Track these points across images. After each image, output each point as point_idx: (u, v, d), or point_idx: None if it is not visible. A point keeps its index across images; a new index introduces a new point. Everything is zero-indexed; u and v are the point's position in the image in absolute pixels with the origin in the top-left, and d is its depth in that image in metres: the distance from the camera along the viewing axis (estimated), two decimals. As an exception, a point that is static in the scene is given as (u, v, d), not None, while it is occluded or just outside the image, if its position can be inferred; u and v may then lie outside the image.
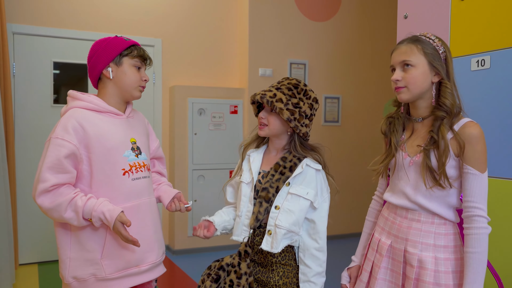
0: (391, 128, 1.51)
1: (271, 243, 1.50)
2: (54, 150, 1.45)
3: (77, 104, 1.56)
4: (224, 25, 4.55)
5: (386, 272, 1.47)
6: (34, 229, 3.83)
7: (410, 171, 1.44)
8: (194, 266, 3.81)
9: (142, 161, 1.63)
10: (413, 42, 1.40)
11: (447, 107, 1.37)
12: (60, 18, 3.89)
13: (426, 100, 1.42)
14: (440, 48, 1.40)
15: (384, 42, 5.00)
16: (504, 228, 1.81)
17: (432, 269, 1.35)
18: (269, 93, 1.55)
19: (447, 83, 1.39)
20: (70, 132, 1.47)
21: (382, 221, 1.55)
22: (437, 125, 1.37)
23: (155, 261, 1.64)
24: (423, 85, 1.39)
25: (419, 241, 1.39)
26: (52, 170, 1.44)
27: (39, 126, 3.84)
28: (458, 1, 1.99)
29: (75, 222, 1.46)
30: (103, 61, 1.57)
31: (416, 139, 1.45)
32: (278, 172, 1.56)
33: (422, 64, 1.38)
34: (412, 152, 1.44)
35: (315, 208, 1.55)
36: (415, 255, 1.38)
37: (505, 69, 1.80)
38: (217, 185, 4.28)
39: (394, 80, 1.41)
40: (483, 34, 1.90)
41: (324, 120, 4.76)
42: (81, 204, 1.45)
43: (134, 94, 1.63)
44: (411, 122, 1.49)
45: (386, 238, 1.49)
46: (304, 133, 1.57)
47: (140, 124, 1.72)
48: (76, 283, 1.53)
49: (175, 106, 4.17)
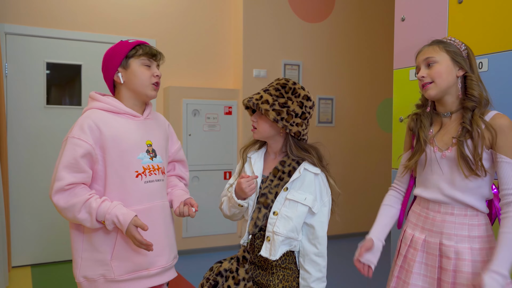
0: (417, 124, 1.55)
1: (270, 250, 1.49)
2: (71, 149, 1.46)
3: (95, 105, 1.57)
4: (219, 26, 4.55)
5: (421, 266, 1.50)
6: (27, 232, 3.79)
7: (443, 164, 1.47)
8: (188, 267, 3.80)
9: (157, 164, 1.62)
10: (436, 43, 1.48)
11: (475, 97, 1.42)
12: (53, 18, 3.86)
13: (453, 95, 1.47)
14: (461, 46, 1.46)
15: (377, 43, 5.04)
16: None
17: (469, 259, 1.39)
18: (256, 96, 1.55)
19: (472, 75, 1.44)
20: (86, 132, 1.48)
21: (414, 217, 1.58)
22: (468, 116, 1.41)
23: (165, 265, 1.63)
24: (448, 78, 1.44)
25: (454, 233, 1.43)
26: (68, 169, 1.45)
27: (31, 127, 3.80)
28: (455, 4, 2.02)
29: (88, 223, 1.46)
30: (112, 68, 1.58)
31: (446, 133, 1.48)
32: (277, 178, 1.55)
33: (445, 59, 1.44)
34: (443, 145, 1.47)
35: (314, 213, 1.54)
36: (451, 247, 1.42)
37: (502, 72, 1.83)
38: (212, 186, 4.27)
39: (420, 77, 1.46)
40: (481, 37, 1.92)
41: (318, 121, 4.78)
42: (95, 206, 1.45)
43: (149, 93, 1.61)
44: (439, 117, 1.52)
45: (420, 233, 1.52)
46: (296, 133, 1.54)
47: (159, 127, 1.71)
48: (86, 283, 1.54)
49: (170, 107, 4.16)
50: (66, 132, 3.82)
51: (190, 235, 4.23)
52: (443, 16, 2.07)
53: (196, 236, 4.26)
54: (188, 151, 4.19)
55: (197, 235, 4.26)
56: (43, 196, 3.84)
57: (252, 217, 1.54)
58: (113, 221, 1.46)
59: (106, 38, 4.04)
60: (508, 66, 1.81)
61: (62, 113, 3.91)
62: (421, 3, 2.18)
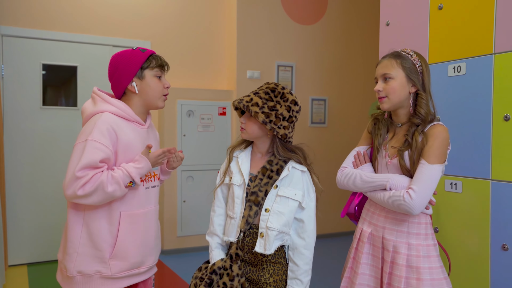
0: (375, 130, 1.68)
1: (264, 245, 1.55)
2: (92, 152, 1.50)
3: (108, 109, 1.60)
4: (213, 28, 4.61)
5: (368, 257, 1.65)
6: (24, 231, 3.84)
7: (390, 169, 1.61)
8: (183, 266, 3.86)
9: (154, 171, 1.71)
10: (394, 57, 1.58)
11: (422, 115, 1.56)
12: (49, 20, 3.91)
13: (405, 109, 1.60)
14: (417, 63, 1.57)
15: (369, 45, 5.11)
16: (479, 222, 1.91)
17: (405, 253, 1.53)
18: (246, 98, 1.62)
19: (423, 94, 1.56)
20: (106, 137, 1.53)
21: (364, 212, 1.73)
22: (412, 130, 1.55)
23: (151, 265, 1.73)
24: (401, 94, 1.57)
25: (394, 229, 1.57)
26: (89, 169, 1.50)
27: (28, 128, 3.85)
28: (436, 10, 2.09)
29: (119, 192, 1.53)
30: (126, 77, 1.63)
31: (396, 142, 1.62)
32: (266, 176, 1.61)
33: (400, 76, 1.56)
34: (391, 153, 1.61)
35: (303, 208, 1.62)
36: (391, 241, 1.56)
37: (479, 75, 1.90)
38: (206, 185, 4.33)
39: (377, 91, 1.59)
40: (459, 42, 2.00)
41: (311, 122, 4.85)
42: (117, 175, 1.52)
43: (159, 104, 1.69)
44: (393, 126, 1.66)
45: (367, 227, 1.67)
46: (283, 135, 1.61)
47: (155, 134, 1.80)
48: (79, 277, 1.58)
49: (165, 107, 4.20)
50: (62, 133, 3.91)
51: (184, 234, 4.29)
52: (425, 21, 2.14)
53: (191, 235, 4.32)
54: (183, 151, 4.25)
55: (191, 234, 4.32)
56: (39, 195, 3.89)
57: (243, 215, 1.60)
58: (138, 173, 1.56)
59: (101, 40, 4.10)
60: (484, 69, 1.88)
61: (58, 114, 3.96)
62: (405, 9, 2.25)
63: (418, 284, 1.49)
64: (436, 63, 2.09)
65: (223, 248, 1.68)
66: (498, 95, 1.82)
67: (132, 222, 1.62)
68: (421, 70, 1.57)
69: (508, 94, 1.79)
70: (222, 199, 1.72)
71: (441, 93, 2.03)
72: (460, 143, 1.96)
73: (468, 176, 1.94)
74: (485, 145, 1.87)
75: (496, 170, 1.84)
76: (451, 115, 2.00)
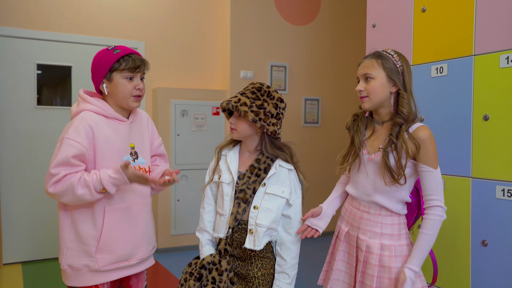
0: (354, 127, 1.70)
1: (254, 241, 1.60)
2: (65, 149, 1.55)
3: (87, 107, 1.65)
4: (206, 28, 4.65)
5: (344, 254, 1.70)
6: (18, 229, 3.86)
7: (368, 167, 1.62)
8: (176, 264, 3.89)
9: (138, 165, 1.73)
10: (375, 57, 1.60)
11: (404, 115, 1.56)
12: (43, 20, 3.93)
13: (386, 108, 1.61)
14: (398, 63, 1.59)
15: (361, 45, 5.15)
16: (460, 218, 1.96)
17: (377, 254, 1.55)
18: (234, 99, 1.67)
19: (404, 93, 1.57)
20: (81, 134, 1.57)
21: (343, 211, 1.76)
22: (396, 130, 1.56)
23: (143, 257, 1.76)
24: (382, 94, 1.58)
25: (368, 230, 1.60)
26: (62, 166, 1.54)
27: (22, 127, 3.87)
28: (419, 12, 2.14)
29: (89, 196, 1.55)
30: (97, 78, 1.68)
31: (376, 140, 1.63)
32: (254, 174, 1.66)
33: (381, 76, 1.57)
34: (372, 150, 1.62)
35: (291, 205, 1.68)
36: (364, 241, 1.59)
37: (461, 76, 1.95)
38: (200, 185, 4.36)
39: (358, 90, 1.61)
40: (442, 43, 2.05)
41: (304, 122, 4.89)
42: (89, 179, 1.54)
43: (131, 105, 1.69)
44: (373, 123, 1.67)
45: (345, 226, 1.70)
46: (273, 132, 1.67)
47: (141, 127, 1.80)
48: (70, 271, 1.65)
49: (158, 107, 4.25)
50: (56, 132, 3.93)
51: (178, 232, 4.33)
52: (409, 23, 2.19)
53: (184, 234, 4.36)
54: (176, 150, 4.29)
55: (185, 233, 4.36)
56: (34, 194, 3.92)
57: (232, 211, 1.65)
58: (111, 182, 1.55)
59: (96, 40, 4.13)
60: (465, 70, 1.94)
61: (53, 113, 3.99)
62: (390, 12, 2.30)
63: (390, 283, 1.52)
64: (419, 64, 2.14)
65: (213, 244, 1.72)
66: (478, 95, 1.88)
67: (116, 215, 1.66)
68: (401, 70, 1.58)
69: (487, 95, 1.84)
70: (211, 196, 1.77)
71: (425, 93, 2.08)
72: (442, 142, 2.01)
73: (450, 174, 1.99)
74: (465, 144, 1.93)
75: (476, 168, 1.89)
76: (433, 115, 2.05)
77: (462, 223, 1.94)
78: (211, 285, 1.60)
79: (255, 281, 1.64)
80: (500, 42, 1.80)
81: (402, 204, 1.60)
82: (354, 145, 1.68)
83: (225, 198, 1.68)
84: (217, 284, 1.59)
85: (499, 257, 1.80)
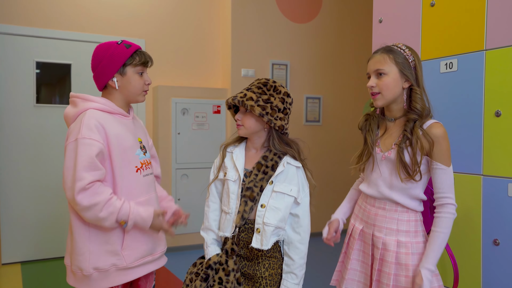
0: (366, 127, 1.67)
1: (261, 241, 1.57)
2: (86, 149, 1.51)
3: (91, 106, 1.62)
4: (207, 26, 4.61)
5: (359, 253, 1.67)
6: (17, 229, 3.83)
7: (382, 165, 1.59)
8: (178, 264, 3.86)
9: (148, 159, 1.75)
10: (386, 52, 1.56)
11: (418, 110, 1.53)
12: (43, 18, 3.90)
13: (398, 104, 1.58)
14: (409, 57, 1.55)
15: (363, 43, 5.13)
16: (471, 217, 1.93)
17: (394, 251, 1.53)
18: (239, 94, 1.64)
19: (417, 89, 1.54)
20: (95, 131, 1.54)
21: (357, 209, 1.74)
22: (410, 126, 1.53)
23: (163, 250, 1.78)
24: (394, 90, 1.54)
25: (384, 227, 1.58)
26: (87, 169, 1.50)
27: (21, 126, 3.84)
28: (428, 7, 2.10)
29: (107, 223, 1.53)
30: (108, 72, 1.65)
31: (389, 137, 1.60)
32: (261, 172, 1.63)
33: (394, 72, 1.53)
34: (385, 148, 1.59)
35: (299, 203, 1.64)
36: (380, 239, 1.57)
37: (471, 72, 1.92)
38: (201, 184, 4.33)
39: (369, 87, 1.57)
40: (451, 38, 2.01)
41: (305, 120, 4.86)
42: (118, 205, 1.53)
43: (139, 99, 1.72)
44: (384, 121, 1.64)
45: (359, 224, 1.68)
46: (280, 126, 1.63)
47: (140, 125, 1.83)
48: (96, 274, 1.59)
49: (159, 106, 4.21)
50: (56, 131, 3.89)
51: (179, 232, 4.29)
52: (417, 18, 2.15)
53: (185, 233, 4.32)
54: (177, 149, 4.26)
55: (186, 232, 4.32)
56: (33, 194, 3.88)
57: (239, 210, 1.61)
58: (136, 220, 1.57)
59: (95, 38, 4.09)
60: (476, 66, 1.90)
61: (52, 112, 3.95)
62: (397, 6, 2.26)
63: (407, 281, 1.50)
64: (428, 59, 2.10)
65: (218, 244, 1.69)
66: (489, 91, 1.84)
67: None
68: (414, 65, 1.55)
69: (499, 90, 1.81)
70: (216, 194, 1.73)
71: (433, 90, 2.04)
72: (452, 139, 1.97)
73: (460, 171, 1.96)
74: (476, 141, 1.89)
75: (487, 165, 1.85)
76: (443, 111, 2.01)
77: (473, 222, 1.91)
78: (217, 285, 1.56)
79: (262, 281, 1.61)
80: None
81: (418, 201, 1.58)
82: (367, 144, 1.66)
83: (231, 196, 1.64)
84: (224, 284, 1.56)
85: (511, 257, 1.77)
